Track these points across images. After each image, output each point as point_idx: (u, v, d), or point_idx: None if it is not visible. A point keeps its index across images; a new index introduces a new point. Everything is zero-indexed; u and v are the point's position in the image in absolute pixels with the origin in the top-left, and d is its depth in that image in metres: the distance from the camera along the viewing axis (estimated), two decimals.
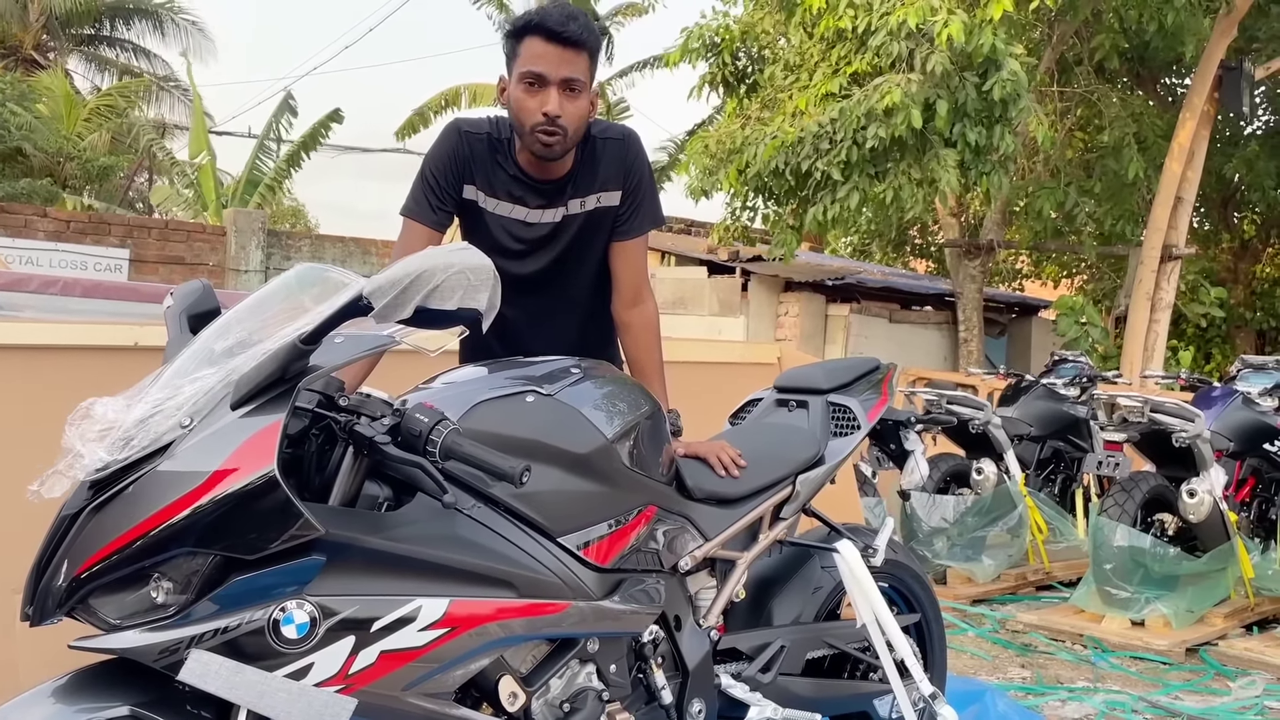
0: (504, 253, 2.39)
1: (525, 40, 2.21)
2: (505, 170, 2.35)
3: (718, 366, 4.87)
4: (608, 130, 2.42)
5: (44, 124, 16.68)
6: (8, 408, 2.81)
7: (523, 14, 2.27)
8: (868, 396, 2.56)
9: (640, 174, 2.42)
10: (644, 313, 2.46)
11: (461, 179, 2.35)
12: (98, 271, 9.34)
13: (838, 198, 7.22)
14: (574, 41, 2.19)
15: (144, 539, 1.44)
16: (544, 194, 2.37)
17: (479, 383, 1.92)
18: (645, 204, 2.44)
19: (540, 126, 2.20)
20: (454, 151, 2.34)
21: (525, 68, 2.19)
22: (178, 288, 2.03)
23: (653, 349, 2.45)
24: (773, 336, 9.21)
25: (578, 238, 2.40)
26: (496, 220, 2.38)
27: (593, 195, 2.38)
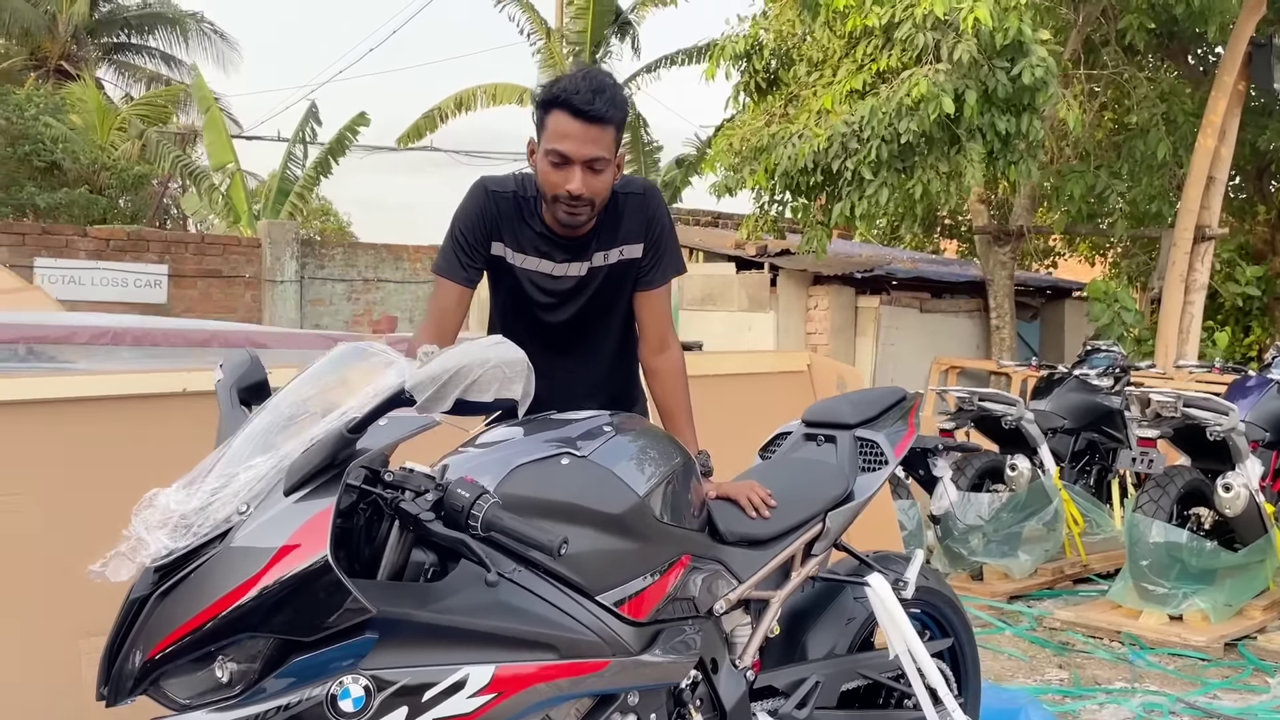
0: (532, 304, 2.50)
1: (553, 113, 2.27)
2: (531, 227, 2.43)
3: (747, 377, 4.93)
4: (629, 185, 2.49)
5: (78, 135, 16.98)
6: (69, 458, 2.93)
7: (553, 83, 2.32)
8: (894, 430, 2.61)
9: (661, 227, 2.50)
10: (670, 359, 2.54)
11: (489, 236, 2.43)
12: (138, 288, 9.55)
13: (866, 194, 7.23)
14: (600, 118, 2.25)
15: (209, 624, 1.54)
16: (569, 249, 2.45)
17: (516, 446, 1.99)
18: (667, 255, 2.52)
19: (564, 201, 2.29)
20: (481, 210, 2.43)
21: (552, 145, 2.26)
22: (227, 358, 2.12)
23: (680, 394, 2.52)
24: (803, 330, 9.23)
25: (602, 289, 2.49)
26: (524, 274, 2.46)
27: (615, 249, 2.46)
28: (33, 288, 5.19)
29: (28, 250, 9.07)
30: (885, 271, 9.28)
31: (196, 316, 9.79)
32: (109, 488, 2.95)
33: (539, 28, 14.19)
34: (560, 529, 1.80)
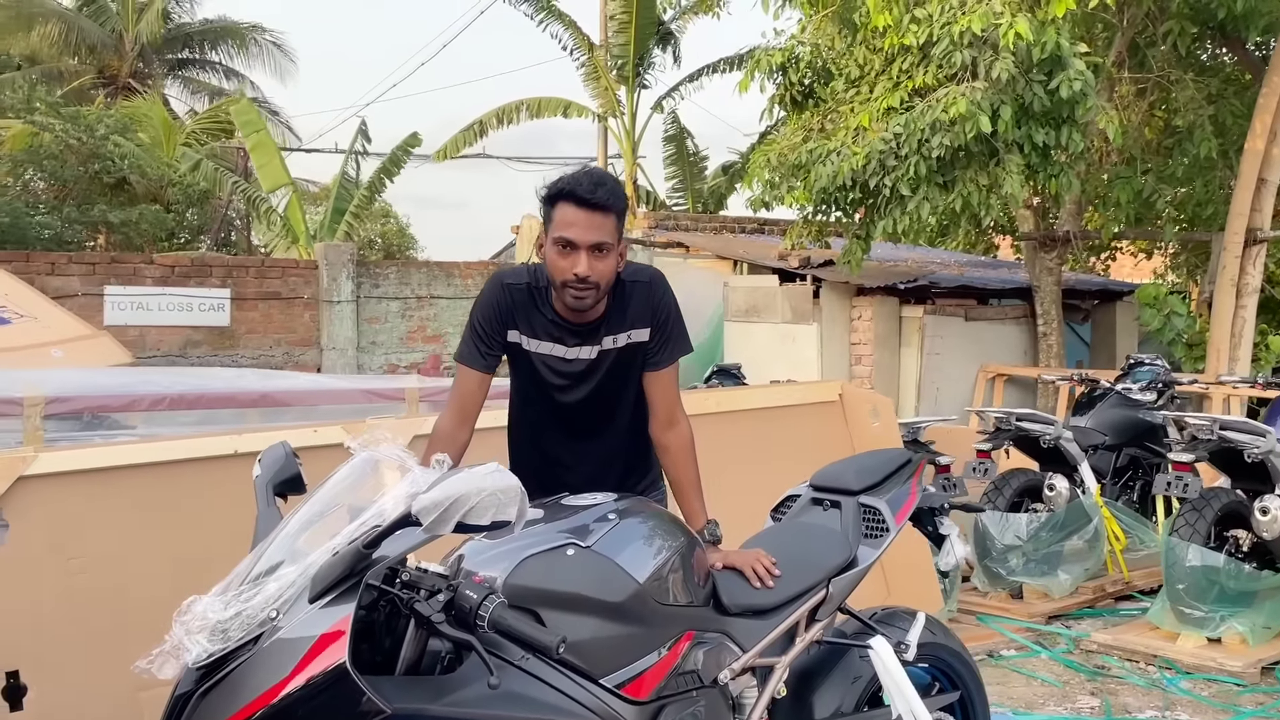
0: (548, 385, 2.68)
1: (559, 206, 2.46)
2: (544, 314, 2.62)
3: (780, 410, 5.04)
4: (637, 274, 2.66)
5: (145, 151, 17.58)
6: (129, 521, 3.17)
7: (557, 180, 2.50)
8: (896, 497, 2.72)
9: (667, 312, 2.67)
10: (679, 434, 2.69)
11: (505, 325, 2.63)
12: (202, 311, 9.92)
13: (906, 210, 7.27)
14: (602, 207, 2.44)
15: (263, 712, 1.72)
16: (579, 334, 2.63)
17: (525, 536, 2.15)
18: (673, 338, 2.69)
19: (572, 284, 2.47)
20: (498, 302, 2.63)
21: (559, 233, 2.45)
22: (265, 453, 2.31)
23: (689, 467, 2.67)
24: (847, 341, 9.28)
25: (612, 370, 2.66)
26: (539, 358, 2.65)
27: (624, 333, 2.63)
28: (102, 334, 5.49)
29: (98, 279, 9.49)
30: (928, 281, 9.28)
31: (258, 337, 10.16)
32: (165, 547, 3.20)
33: (581, 43, 14.35)
34: (565, 619, 1.97)
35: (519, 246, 11.91)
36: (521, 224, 11.63)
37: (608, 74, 14.19)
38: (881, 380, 9.15)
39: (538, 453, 2.77)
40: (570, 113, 14.36)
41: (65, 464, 3.11)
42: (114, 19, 24.15)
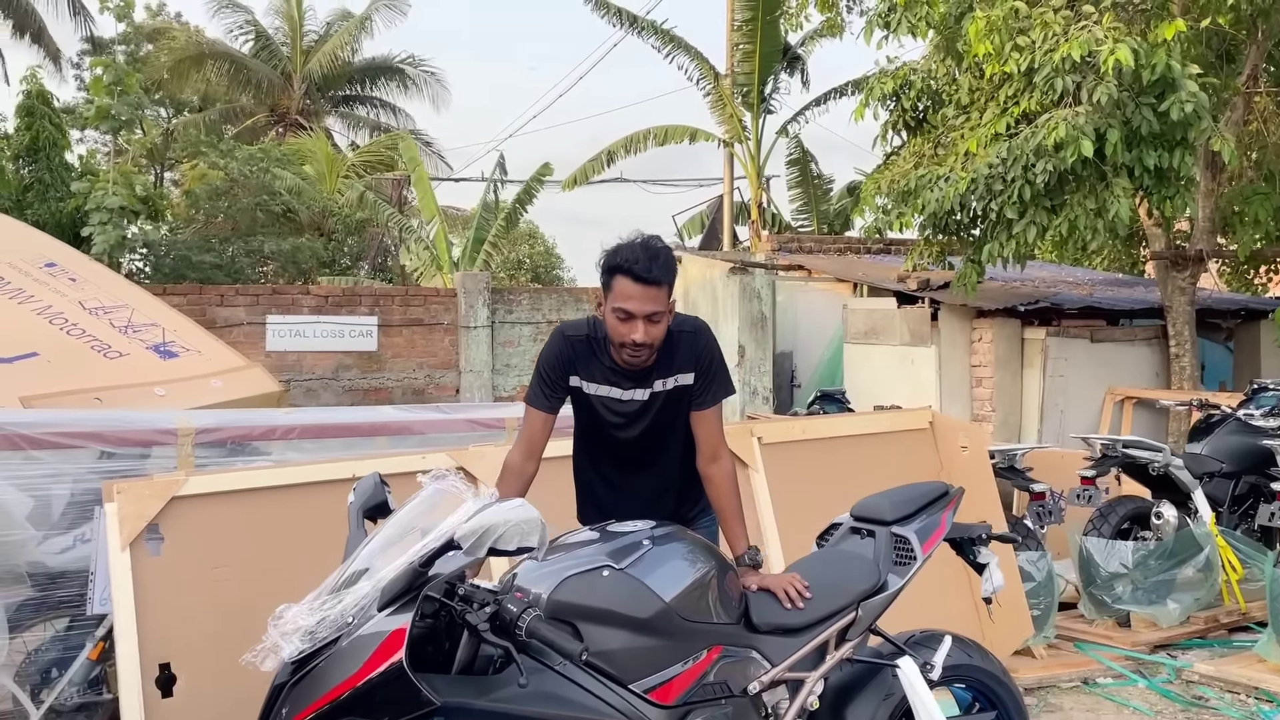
0: (606, 424, 3.04)
1: (617, 278, 2.83)
2: (602, 362, 2.99)
3: (870, 438, 5.22)
4: (683, 324, 3.01)
5: (309, 184, 18.92)
6: (262, 537, 3.65)
7: (615, 252, 2.85)
8: (926, 527, 2.93)
9: (710, 358, 3.01)
10: (721, 468, 2.98)
11: (568, 372, 3.01)
12: (353, 338, 10.72)
13: (1013, 234, 7.30)
14: (656, 282, 2.81)
15: (325, 708, 2.11)
16: (633, 378, 2.99)
17: (570, 558, 2.49)
18: (715, 382, 3.02)
19: (629, 348, 2.84)
20: (560, 353, 3.01)
21: (618, 304, 2.81)
22: (359, 483, 2.72)
23: (731, 497, 2.96)
24: (967, 364, 9.26)
25: (662, 410, 3.00)
26: (598, 400, 3.02)
27: (672, 377, 2.98)
28: (255, 365, 6.13)
29: (261, 308, 10.41)
30: (1051, 303, 9.17)
31: (402, 360, 10.90)
32: (292, 557, 3.67)
33: (707, 73, 14.71)
34: (599, 631, 2.30)
35: None
36: None
37: (732, 101, 14.50)
38: (1002, 403, 9.10)
39: (598, 481, 3.11)
40: (697, 139, 14.75)
41: (211, 486, 3.63)
42: (284, 61, 25.98)
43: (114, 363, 5.59)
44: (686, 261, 11.45)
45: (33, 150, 16.17)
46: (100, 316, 5.92)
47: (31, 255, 6.29)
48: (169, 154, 23.41)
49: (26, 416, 3.78)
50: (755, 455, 4.74)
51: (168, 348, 5.84)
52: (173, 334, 5.96)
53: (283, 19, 26.14)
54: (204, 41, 25.51)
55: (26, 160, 16.33)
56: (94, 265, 6.64)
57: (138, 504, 3.47)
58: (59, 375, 5.29)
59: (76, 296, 6.04)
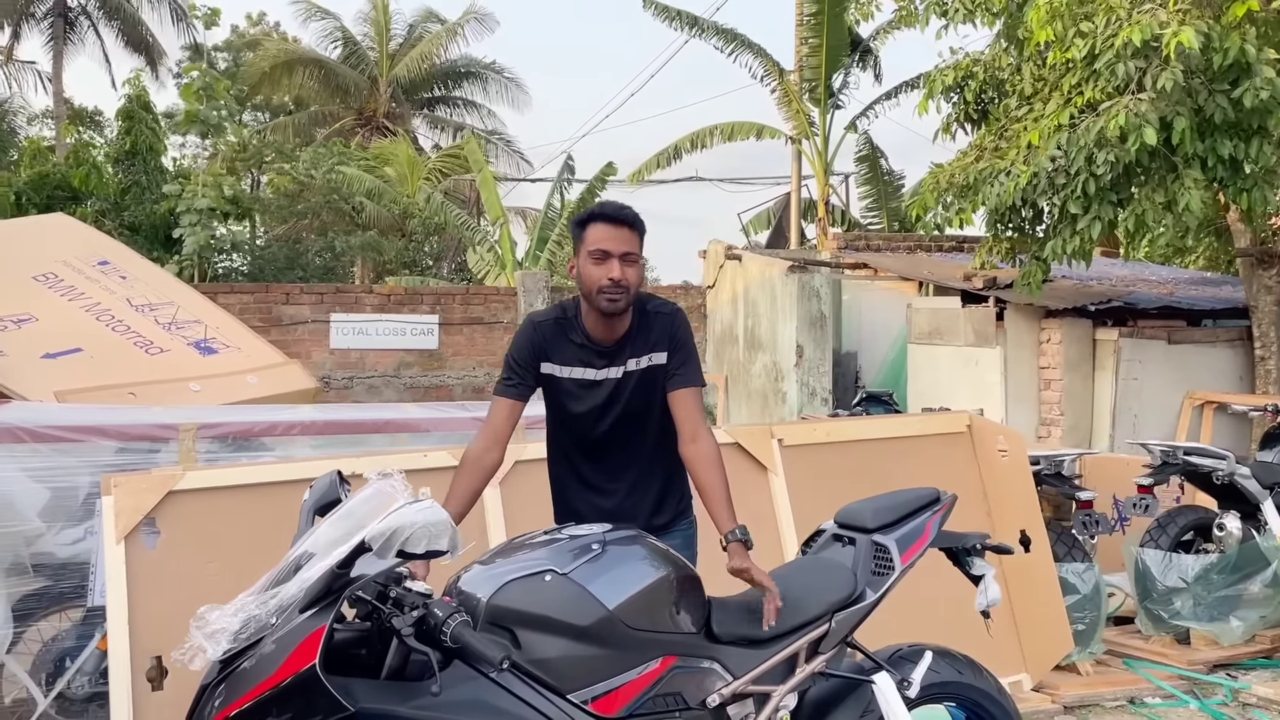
0: (581, 413, 2.96)
1: (590, 227, 2.85)
2: (573, 341, 2.94)
3: (906, 441, 5.01)
4: (660, 306, 2.99)
5: (389, 186, 19.27)
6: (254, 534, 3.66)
7: (586, 210, 2.92)
8: (907, 536, 2.76)
9: (683, 340, 2.97)
10: (700, 448, 2.87)
11: (538, 359, 2.96)
12: (414, 335, 10.83)
13: (1077, 229, 6.96)
14: (628, 223, 2.84)
15: (244, 709, 2.07)
16: (606, 354, 2.94)
17: (514, 562, 2.41)
18: (688, 363, 2.96)
19: (607, 289, 2.80)
20: (530, 340, 2.97)
21: (594, 245, 2.82)
22: (316, 481, 2.68)
23: (712, 477, 2.83)
24: (1034, 366, 8.89)
25: (636, 392, 2.94)
26: (571, 382, 2.95)
27: (645, 355, 2.94)
28: (292, 362, 6.20)
29: (325, 307, 10.60)
30: (1124, 303, 8.74)
31: (462, 359, 10.98)
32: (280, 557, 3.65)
33: (772, 70, 14.48)
34: (538, 638, 2.22)
35: (706, 270, 12.19)
36: (709, 248, 11.91)
37: (799, 97, 14.24)
38: (1072, 408, 8.72)
39: (572, 480, 3.04)
40: (764, 135, 14.55)
41: (209, 481, 3.65)
42: (371, 65, 26.56)
43: (154, 358, 5.71)
44: (746, 260, 11.27)
45: (131, 154, 16.82)
46: (146, 313, 6.06)
47: (86, 253, 6.48)
48: (264, 158, 24.23)
49: (31, 413, 3.87)
50: (775, 458, 4.59)
51: (208, 344, 5.94)
52: (214, 331, 6.07)
53: (370, 24, 26.72)
54: (296, 50, 26.22)
55: (125, 163, 17.01)
56: (144, 263, 6.81)
57: (134, 497, 3.50)
58: (99, 370, 5.42)
59: (125, 294, 6.19)
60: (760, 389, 11.02)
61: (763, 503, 4.52)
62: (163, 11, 26.76)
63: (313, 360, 10.58)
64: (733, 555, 2.68)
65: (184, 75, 20.24)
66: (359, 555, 2.07)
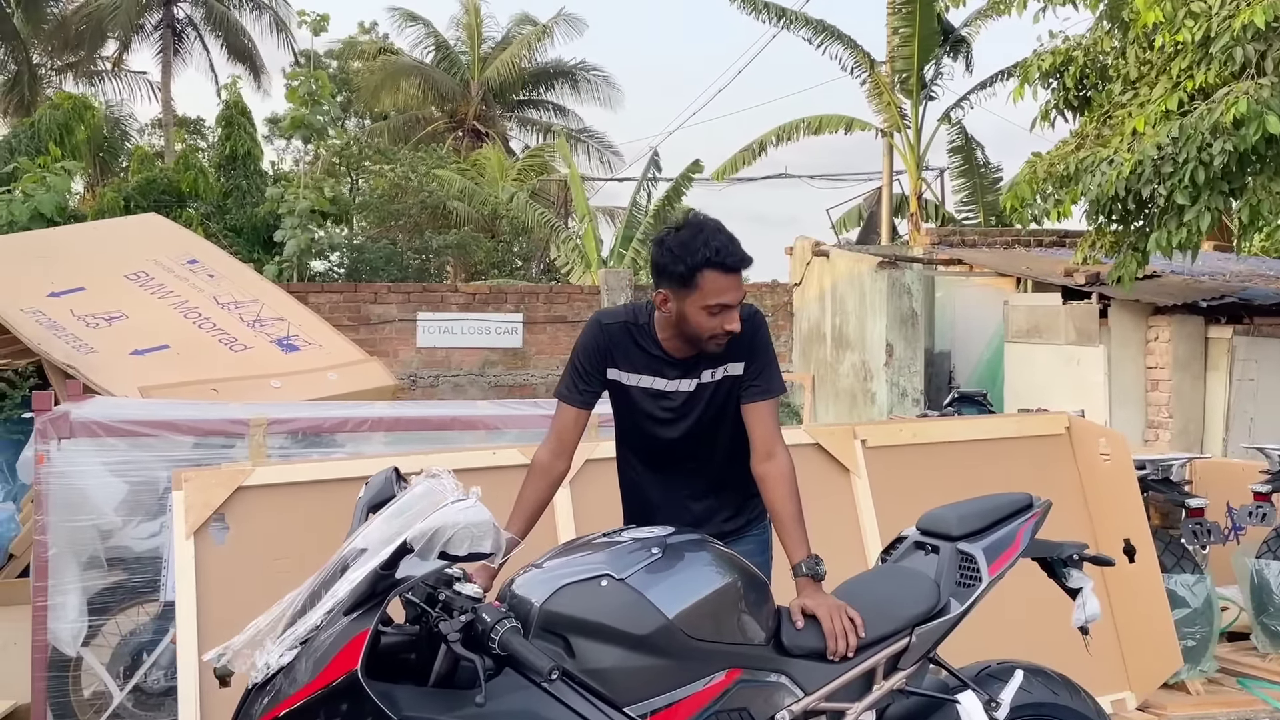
0: (649, 420, 2.80)
1: (705, 273, 2.57)
2: (645, 350, 2.75)
3: (1001, 443, 4.75)
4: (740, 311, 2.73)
5: (480, 187, 19.46)
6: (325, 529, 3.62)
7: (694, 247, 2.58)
8: (995, 544, 2.56)
9: (762, 346, 2.76)
10: (776, 466, 2.69)
11: (605, 363, 2.78)
12: (498, 334, 10.86)
13: (1184, 221, 6.57)
14: (744, 267, 2.62)
15: (288, 712, 1.99)
16: (679, 366, 2.75)
17: (570, 565, 2.28)
18: (766, 372, 2.74)
19: (719, 339, 2.63)
20: (597, 343, 2.78)
21: (714, 300, 2.58)
22: (372, 478, 2.60)
23: (787, 499, 2.65)
24: (1141, 365, 8.45)
25: (709, 404, 2.75)
26: (639, 392, 2.78)
27: (721, 367, 2.73)
28: (372, 359, 6.21)
29: (412, 305, 10.69)
30: (1239, 299, 8.24)
31: (545, 357, 10.96)
32: None
33: (862, 61, 14.12)
34: (593, 647, 2.10)
35: (792, 267, 11.95)
36: (795, 245, 11.66)
37: (890, 90, 13.86)
38: (1181, 409, 8.26)
39: (641, 484, 2.89)
40: (853, 129, 14.20)
41: (278, 477, 3.63)
42: (463, 69, 26.90)
43: (238, 355, 5.77)
44: (834, 256, 11.00)
45: (231, 159, 17.32)
46: (231, 311, 6.14)
47: (176, 252, 6.60)
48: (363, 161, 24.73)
49: (109, 408, 3.90)
50: (858, 459, 4.39)
51: (290, 341, 5.99)
52: (297, 328, 6.11)
53: (462, 29, 27.04)
54: (400, 62, 26.67)
55: (226, 168, 17.52)
56: (231, 261, 6.91)
57: (204, 493, 3.50)
58: (184, 367, 5.49)
59: (212, 292, 6.28)
60: (848, 389, 10.74)
61: (844, 506, 4.33)
62: (263, 22, 27.59)
63: (399, 359, 10.69)
64: (801, 590, 2.51)
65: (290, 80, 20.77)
66: (403, 556, 1.97)
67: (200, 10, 27.44)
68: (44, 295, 5.95)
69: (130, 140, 27.19)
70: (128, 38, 27.00)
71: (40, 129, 15.91)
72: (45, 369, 5.70)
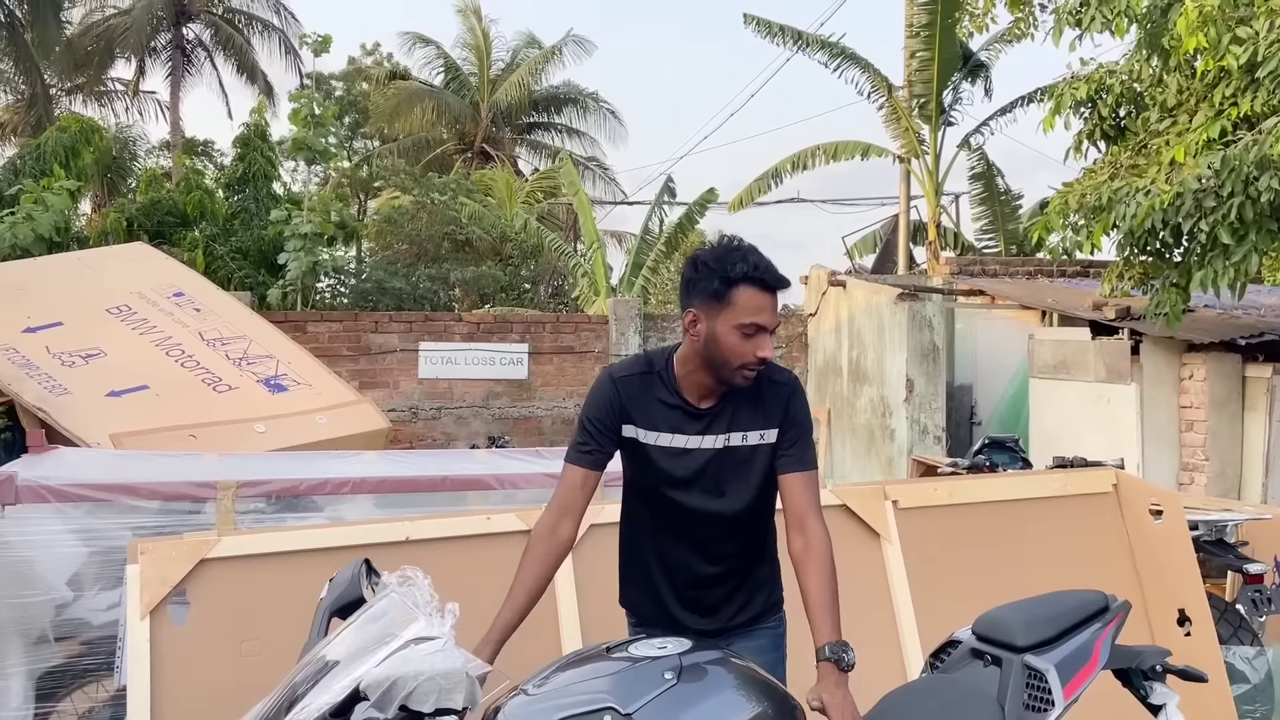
0: (665, 482, 2.48)
1: (740, 289, 2.32)
2: (664, 402, 2.46)
3: (1042, 502, 4.37)
4: (776, 374, 2.50)
5: (488, 210, 19.18)
6: (298, 606, 3.25)
7: (730, 262, 2.34)
8: (1071, 659, 2.17)
9: (799, 417, 2.48)
10: (810, 544, 2.37)
11: (619, 421, 2.48)
12: (503, 365, 10.50)
13: (1231, 261, 6.18)
14: (782, 288, 2.37)
15: None
16: (701, 418, 2.45)
17: (568, 692, 1.91)
18: (801, 442, 2.46)
19: (751, 366, 2.35)
20: (609, 400, 2.49)
21: (748, 319, 2.31)
22: (339, 573, 2.24)
23: (819, 581, 2.32)
24: (1174, 405, 8.05)
25: (737, 466, 2.45)
26: (658, 451, 2.47)
27: (755, 431, 2.44)
28: (364, 400, 5.87)
29: (414, 335, 10.34)
30: (1278, 335, 7.85)
31: (552, 389, 10.59)
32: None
33: (879, 85, 13.80)
34: None
35: (807, 297, 11.58)
36: (810, 274, 11.31)
37: (908, 115, 13.51)
38: (1218, 452, 7.85)
39: (647, 553, 2.56)
40: (869, 155, 13.86)
41: (245, 548, 3.26)
42: (472, 91, 26.73)
43: (221, 396, 5.43)
44: (851, 286, 10.63)
45: (243, 180, 17.07)
46: (217, 348, 5.80)
47: (161, 284, 6.28)
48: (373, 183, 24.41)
49: (61, 468, 3.54)
50: (888, 522, 4.01)
51: (278, 381, 5.64)
52: (286, 366, 5.77)
53: (469, 50, 26.88)
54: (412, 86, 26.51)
55: (236, 189, 17.27)
56: (219, 294, 6.58)
57: (162, 566, 3.13)
58: (162, 410, 5.15)
59: (198, 327, 5.95)
60: (866, 424, 10.34)
61: (874, 575, 3.94)
62: (272, 45, 27.49)
63: (401, 390, 10.34)
64: (821, 678, 2.16)
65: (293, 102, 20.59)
66: (356, 703, 1.60)
67: (209, 31, 27.37)
68: (19, 331, 5.63)
69: (139, 161, 27.06)
70: (138, 59, 26.91)
71: (46, 151, 15.69)
72: (17, 410, 5.36)
